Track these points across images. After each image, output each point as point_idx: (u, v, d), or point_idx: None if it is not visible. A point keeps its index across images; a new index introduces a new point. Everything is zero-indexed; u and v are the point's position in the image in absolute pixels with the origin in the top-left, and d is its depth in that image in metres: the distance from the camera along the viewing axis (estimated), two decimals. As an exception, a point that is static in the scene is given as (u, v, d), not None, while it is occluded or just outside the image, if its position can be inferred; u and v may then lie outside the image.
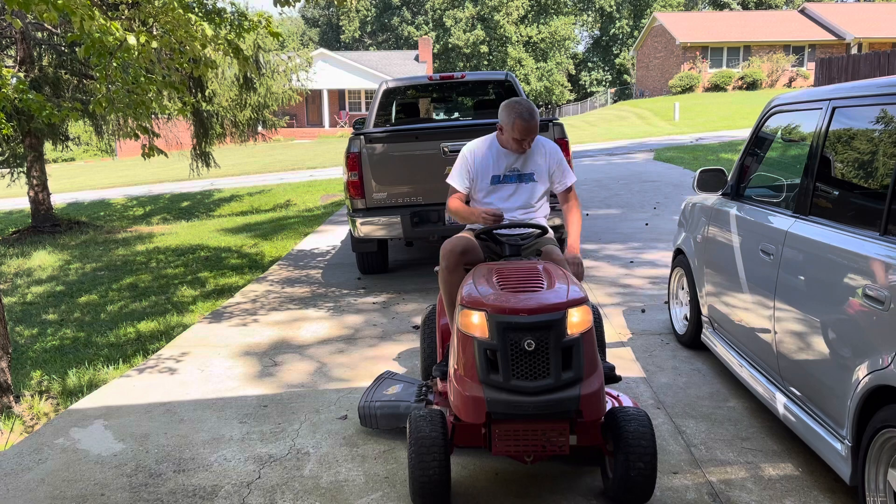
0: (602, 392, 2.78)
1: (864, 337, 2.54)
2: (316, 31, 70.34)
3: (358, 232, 6.46)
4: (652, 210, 9.98)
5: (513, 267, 3.11)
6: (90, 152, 43.15)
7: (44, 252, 11.81)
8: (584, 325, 2.77)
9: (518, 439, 2.78)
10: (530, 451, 2.81)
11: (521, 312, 2.72)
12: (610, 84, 62.53)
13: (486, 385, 2.74)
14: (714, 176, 4.17)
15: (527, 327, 2.70)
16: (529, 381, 2.70)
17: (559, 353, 2.71)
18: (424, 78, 7.78)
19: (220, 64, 11.90)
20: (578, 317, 2.77)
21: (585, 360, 2.75)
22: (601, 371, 2.83)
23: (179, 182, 23.90)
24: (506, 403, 2.70)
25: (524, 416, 2.71)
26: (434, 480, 2.78)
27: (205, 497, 3.14)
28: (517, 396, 2.70)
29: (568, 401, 2.69)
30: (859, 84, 2.95)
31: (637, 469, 2.75)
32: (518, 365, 2.71)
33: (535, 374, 2.71)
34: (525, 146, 3.64)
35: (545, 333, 2.70)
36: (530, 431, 2.76)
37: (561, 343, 2.71)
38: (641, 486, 2.79)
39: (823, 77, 29.36)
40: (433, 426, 2.85)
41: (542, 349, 2.71)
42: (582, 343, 2.75)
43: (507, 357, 2.71)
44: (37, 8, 3.99)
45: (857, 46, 39.88)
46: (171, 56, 5.25)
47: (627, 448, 2.76)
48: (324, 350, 5.08)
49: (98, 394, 4.54)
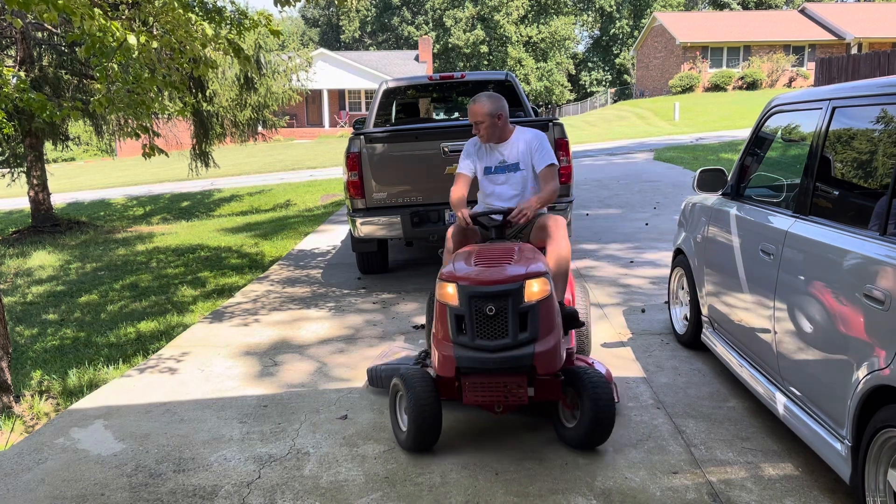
0: (556, 350, 3.23)
1: (864, 337, 2.54)
2: (316, 31, 70.35)
3: (358, 232, 6.46)
4: (652, 210, 9.98)
5: (493, 247, 3.63)
6: (90, 152, 43.16)
7: (44, 252, 11.82)
8: (541, 294, 3.23)
9: (483, 390, 3.27)
10: (494, 401, 3.29)
11: (483, 283, 3.23)
12: (610, 84, 62.54)
13: (456, 344, 3.25)
14: (714, 176, 4.17)
15: (488, 295, 3.20)
16: (490, 341, 3.19)
17: (516, 317, 3.19)
18: (424, 78, 7.78)
19: (220, 64, 11.89)
20: (535, 287, 3.23)
21: (541, 323, 3.21)
22: (558, 333, 3.29)
23: (179, 182, 23.91)
24: (471, 359, 3.20)
25: (486, 370, 3.21)
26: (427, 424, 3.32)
27: (205, 497, 3.14)
28: (480, 353, 3.19)
29: (523, 357, 3.17)
30: (859, 84, 2.95)
31: (604, 411, 3.25)
32: (481, 327, 3.21)
33: (496, 334, 3.20)
34: (480, 130, 4.12)
35: (504, 300, 3.20)
36: (493, 384, 3.25)
37: (518, 308, 3.19)
38: (605, 426, 3.28)
39: (823, 77, 29.36)
40: (422, 382, 3.36)
41: (502, 314, 3.19)
42: (538, 309, 3.21)
43: (472, 320, 3.21)
44: (37, 8, 4.00)
45: (857, 46, 39.89)
46: (171, 56, 5.25)
47: (594, 396, 3.26)
48: (324, 350, 5.08)
49: (98, 394, 4.54)
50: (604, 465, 3.25)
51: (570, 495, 3.01)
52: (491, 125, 4.09)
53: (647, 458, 3.29)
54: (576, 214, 9.28)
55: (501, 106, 4.11)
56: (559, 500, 2.98)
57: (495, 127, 4.11)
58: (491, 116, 4.06)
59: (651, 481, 3.09)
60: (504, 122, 4.15)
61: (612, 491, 3.03)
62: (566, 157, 6.26)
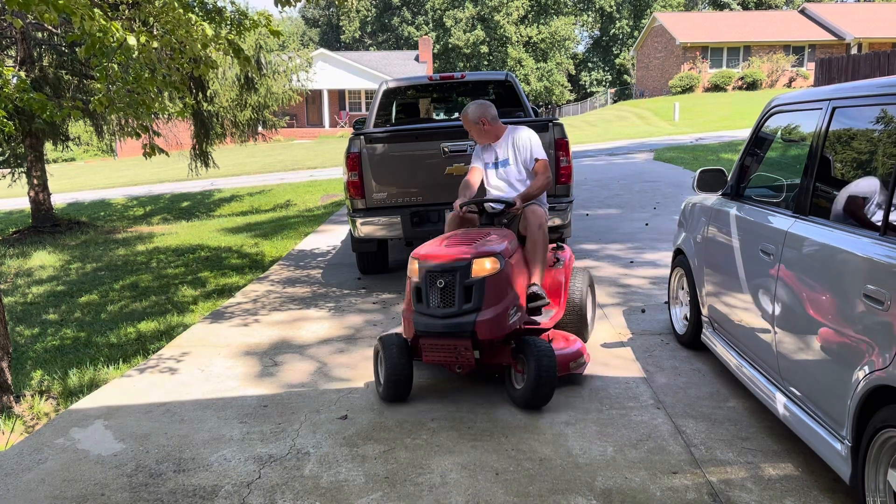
0: (499, 320, 3.76)
1: (863, 337, 2.54)
2: (316, 31, 70.34)
3: (358, 232, 6.46)
4: (652, 210, 9.98)
5: (470, 231, 4.29)
6: (90, 152, 43.18)
7: (44, 252, 11.82)
8: (487, 272, 3.78)
9: (436, 351, 3.86)
10: (447, 361, 3.89)
11: (436, 260, 3.83)
12: (610, 84, 62.53)
13: (415, 312, 3.86)
14: (714, 176, 4.17)
15: (439, 271, 3.80)
16: (440, 309, 3.78)
17: (462, 289, 3.75)
18: (424, 78, 7.78)
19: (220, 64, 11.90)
20: (483, 265, 3.78)
21: (486, 296, 3.75)
22: (505, 305, 3.82)
23: (180, 182, 23.92)
24: (424, 324, 3.79)
25: (436, 333, 3.77)
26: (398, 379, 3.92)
27: (205, 497, 3.14)
28: (431, 319, 3.78)
29: (465, 324, 3.71)
30: (859, 84, 2.95)
31: (546, 372, 3.70)
32: (434, 297, 3.80)
33: (445, 304, 3.78)
34: (474, 135, 4.85)
35: (452, 275, 3.78)
36: (443, 346, 3.82)
37: (464, 283, 3.75)
38: (547, 387, 3.73)
39: (823, 77, 29.36)
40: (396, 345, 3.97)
41: (450, 286, 3.77)
42: (484, 284, 3.76)
43: (426, 292, 3.82)
44: (37, 8, 3.99)
45: (857, 46, 39.89)
46: (171, 56, 5.25)
47: (538, 360, 3.71)
48: (324, 350, 5.08)
49: (98, 394, 4.54)
50: (604, 465, 3.25)
51: (570, 495, 3.01)
52: (478, 131, 4.78)
53: (647, 458, 3.29)
54: (576, 214, 9.28)
55: (483, 112, 4.73)
56: (559, 500, 2.98)
57: (482, 131, 4.78)
58: (475, 124, 4.74)
59: (651, 481, 3.09)
60: (490, 125, 4.76)
61: (612, 491, 3.03)
62: (566, 158, 6.26)
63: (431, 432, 3.65)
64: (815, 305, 2.88)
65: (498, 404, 3.95)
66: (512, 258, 4.04)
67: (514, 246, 4.20)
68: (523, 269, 4.25)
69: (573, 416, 3.77)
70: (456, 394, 4.13)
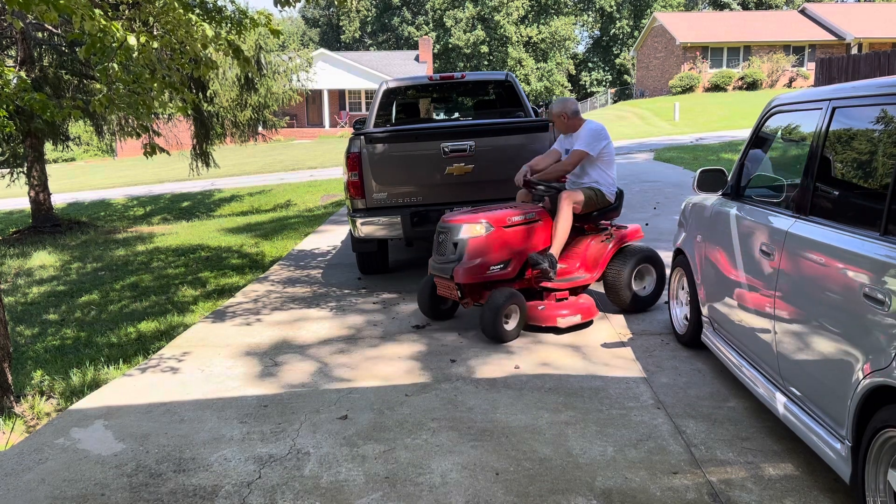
0: (470, 270, 4.97)
1: (863, 337, 2.54)
2: (316, 31, 70.34)
3: (358, 232, 6.46)
4: (652, 210, 9.98)
5: (502, 205, 5.46)
6: (90, 152, 43.18)
7: (44, 252, 11.82)
8: (469, 234, 5.03)
9: (440, 287, 5.32)
10: (447, 294, 5.26)
11: (444, 222, 5.24)
12: (610, 84, 62.50)
13: (431, 258, 5.34)
14: (714, 176, 4.17)
15: (440, 230, 5.25)
16: (439, 256, 5.22)
17: (453, 245, 5.09)
18: (425, 78, 7.77)
19: (220, 64, 11.89)
20: (469, 229, 5.04)
21: (466, 252, 5.02)
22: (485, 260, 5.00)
23: (180, 182, 23.93)
24: (431, 266, 5.29)
25: (436, 274, 5.24)
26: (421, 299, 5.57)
27: (205, 497, 3.15)
28: (434, 264, 5.23)
29: (448, 269, 5.06)
30: (859, 84, 2.95)
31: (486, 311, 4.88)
32: (439, 248, 5.23)
33: (442, 253, 5.19)
34: (558, 126, 5.63)
35: (447, 234, 5.15)
36: (441, 283, 5.26)
37: (452, 240, 5.09)
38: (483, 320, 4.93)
39: (823, 77, 29.37)
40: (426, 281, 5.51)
41: (446, 241, 5.15)
42: (467, 243, 5.02)
43: (436, 243, 5.27)
44: (37, 8, 3.99)
45: (857, 46, 39.89)
46: (171, 56, 5.25)
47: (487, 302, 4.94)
48: (325, 350, 5.08)
49: (99, 394, 4.54)
50: (604, 465, 3.25)
51: (570, 495, 3.01)
52: (560, 123, 5.54)
53: (647, 458, 3.29)
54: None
55: (564, 108, 5.50)
56: (559, 500, 2.98)
57: (563, 124, 5.53)
58: (557, 117, 5.52)
59: (651, 481, 3.10)
60: (570, 119, 5.50)
61: (612, 491, 3.03)
62: (566, 157, 6.30)
63: (431, 432, 3.65)
64: (815, 305, 2.88)
65: (498, 404, 3.96)
66: (509, 228, 5.09)
67: (521, 219, 5.17)
68: (536, 236, 5.21)
69: (573, 416, 3.77)
70: (456, 394, 4.14)
